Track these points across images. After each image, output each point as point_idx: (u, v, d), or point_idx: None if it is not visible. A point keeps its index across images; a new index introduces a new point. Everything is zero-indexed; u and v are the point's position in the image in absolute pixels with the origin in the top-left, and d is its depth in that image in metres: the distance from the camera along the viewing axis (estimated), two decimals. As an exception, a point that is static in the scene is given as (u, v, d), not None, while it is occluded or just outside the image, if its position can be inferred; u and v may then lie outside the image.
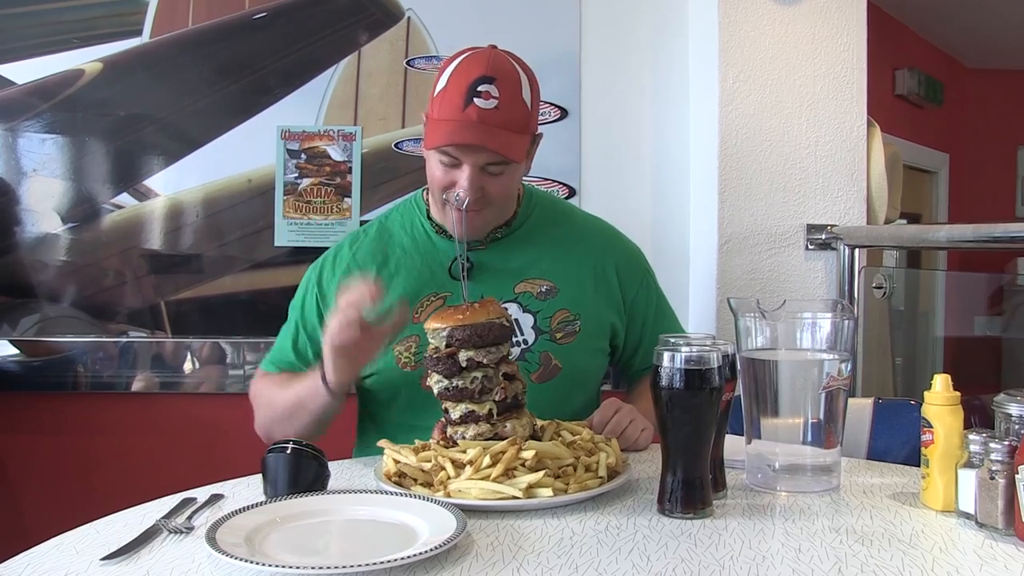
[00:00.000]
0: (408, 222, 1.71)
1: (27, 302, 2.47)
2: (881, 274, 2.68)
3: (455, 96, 1.47)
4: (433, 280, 1.64)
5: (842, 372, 1.28)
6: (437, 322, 1.32)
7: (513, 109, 1.49)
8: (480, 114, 1.45)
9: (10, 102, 2.45)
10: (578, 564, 1.00)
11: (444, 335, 1.31)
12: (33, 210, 2.47)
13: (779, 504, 1.23)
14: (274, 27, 2.49)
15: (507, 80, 1.49)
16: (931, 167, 5.27)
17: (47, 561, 1.03)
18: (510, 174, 1.55)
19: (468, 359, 1.30)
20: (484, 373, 1.31)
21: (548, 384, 1.59)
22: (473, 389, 1.30)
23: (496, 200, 1.57)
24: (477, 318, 1.30)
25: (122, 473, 2.42)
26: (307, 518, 1.14)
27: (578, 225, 1.75)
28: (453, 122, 1.47)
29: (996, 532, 1.08)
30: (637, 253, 1.78)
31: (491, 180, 1.53)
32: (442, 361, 1.31)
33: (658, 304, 1.76)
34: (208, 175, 2.49)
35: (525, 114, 1.52)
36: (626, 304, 1.70)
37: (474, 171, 1.50)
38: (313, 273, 1.72)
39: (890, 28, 4.56)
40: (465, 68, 1.49)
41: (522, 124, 1.52)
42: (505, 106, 1.47)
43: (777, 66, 2.43)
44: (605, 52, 2.55)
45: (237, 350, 2.48)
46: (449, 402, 1.32)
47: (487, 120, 1.46)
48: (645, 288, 1.74)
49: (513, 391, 1.33)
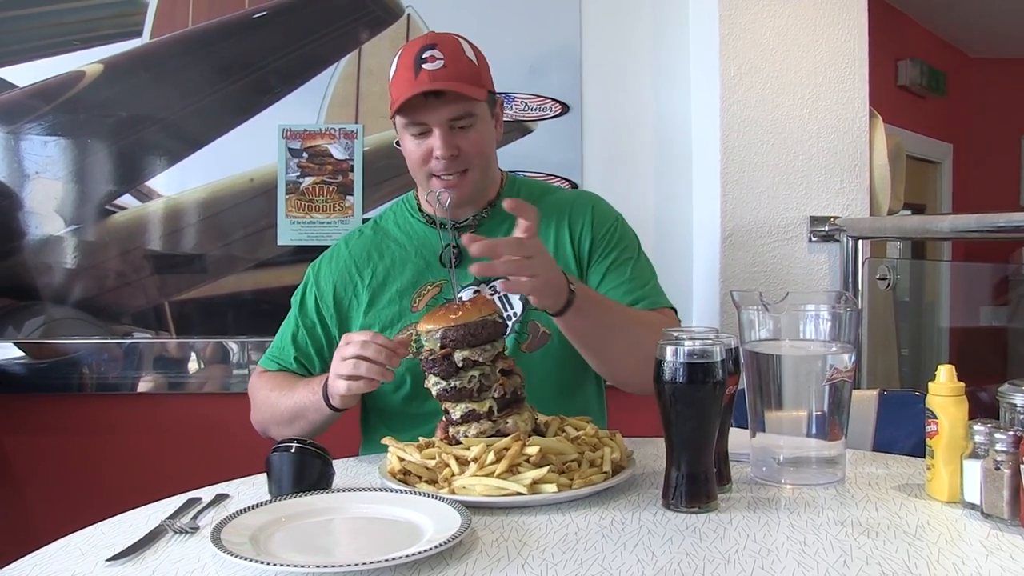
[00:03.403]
0: (401, 219, 1.76)
1: (31, 304, 2.47)
2: (885, 265, 2.67)
3: (405, 71, 1.57)
4: (428, 270, 1.68)
5: (846, 364, 1.28)
6: (430, 323, 1.32)
7: (460, 64, 1.57)
8: (431, 75, 1.54)
9: (12, 105, 2.45)
10: (583, 559, 1.00)
11: (438, 336, 1.31)
12: (36, 212, 2.47)
13: (784, 497, 1.23)
14: (274, 26, 2.49)
15: (447, 44, 1.58)
16: (935, 157, 5.26)
17: (54, 562, 1.03)
18: (479, 127, 1.60)
19: (464, 359, 1.30)
20: (481, 371, 1.31)
21: (539, 352, 1.61)
22: (471, 388, 1.30)
23: (473, 159, 1.61)
24: (469, 317, 1.30)
25: (127, 474, 2.42)
26: (312, 517, 1.14)
27: (557, 196, 1.77)
28: (408, 90, 1.55)
29: (1002, 522, 1.08)
30: (606, 214, 1.73)
31: (463, 136, 1.58)
32: (438, 363, 1.31)
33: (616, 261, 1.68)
34: (210, 175, 2.49)
35: (474, 68, 1.60)
36: (588, 263, 1.68)
37: (444, 129, 1.56)
38: (312, 271, 1.76)
39: (892, 18, 4.55)
40: (408, 48, 1.60)
41: (473, 77, 1.58)
42: (451, 63, 1.56)
43: (778, 58, 2.42)
44: (606, 46, 2.55)
45: (241, 349, 2.49)
46: (449, 403, 1.32)
47: (438, 77, 1.54)
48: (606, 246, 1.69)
49: (512, 386, 1.33)
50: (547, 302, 1.38)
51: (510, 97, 2.48)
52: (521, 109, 2.51)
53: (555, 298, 1.38)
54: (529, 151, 2.51)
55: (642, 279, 1.67)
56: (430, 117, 1.56)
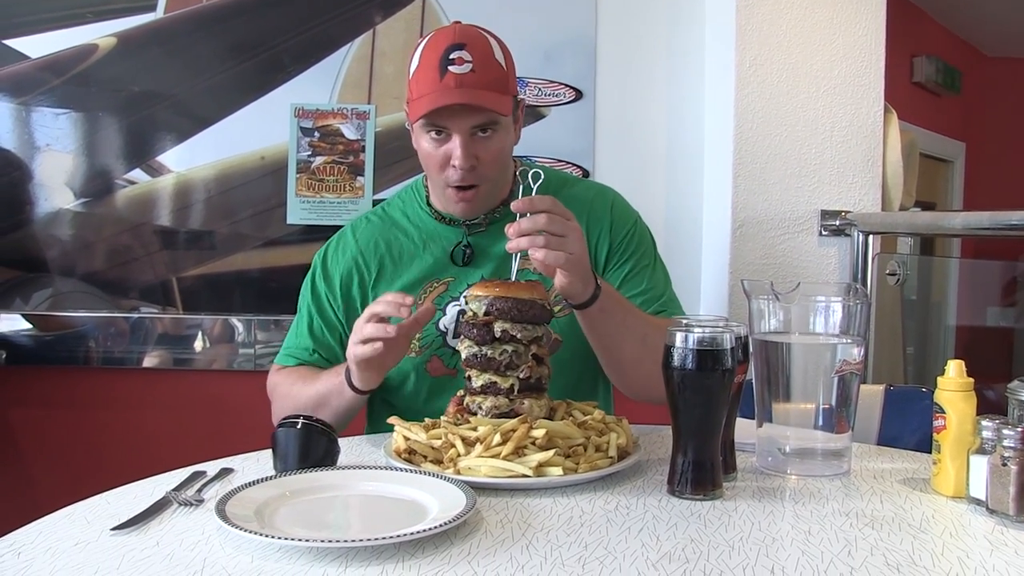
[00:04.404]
0: (409, 209, 1.71)
1: (39, 277, 2.48)
2: (895, 261, 2.66)
3: (430, 70, 1.49)
4: (435, 266, 1.64)
5: (855, 357, 1.27)
6: (480, 290, 1.33)
7: (489, 70, 1.50)
8: (458, 79, 1.47)
9: (24, 77, 2.45)
10: (587, 543, 1.00)
11: (485, 303, 1.31)
12: (46, 185, 2.47)
13: (789, 487, 1.23)
14: (289, 4, 2.48)
15: (477, 44, 1.51)
16: (947, 156, 5.24)
17: (58, 530, 1.04)
18: (500, 136, 1.55)
19: (503, 331, 1.30)
20: (515, 348, 1.30)
21: (551, 359, 1.59)
22: (501, 361, 1.30)
23: (490, 171, 1.56)
24: (520, 294, 1.31)
25: (132, 448, 2.43)
26: (317, 493, 1.14)
27: (575, 191, 1.71)
28: (433, 93, 1.48)
29: (1007, 518, 1.08)
30: (624, 218, 1.70)
31: (483, 145, 1.53)
32: (477, 327, 1.31)
33: (634, 270, 1.66)
34: (221, 152, 2.48)
35: (502, 73, 1.53)
36: (604, 270, 1.66)
37: (464, 137, 1.51)
38: (318, 259, 1.72)
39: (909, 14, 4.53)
40: (433, 43, 1.52)
41: (501, 83, 1.52)
42: (480, 68, 1.49)
43: (794, 50, 2.41)
44: (621, 34, 2.54)
45: (248, 327, 2.49)
46: (474, 370, 1.32)
47: (466, 83, 1.47)
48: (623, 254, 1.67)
49: (538, 374, 1.33)
50: (576, 287, 1.37)
51: (524, 82, 2.47)
52: (535, 94, 2.50)
53: (584, 284, 1.37)
54: (541, 136, 2.50)
55: (658, 289, 1.65)
56: (452, 124, 1.50)
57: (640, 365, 1.47)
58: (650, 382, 1.27)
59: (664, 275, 1.70)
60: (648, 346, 1.40)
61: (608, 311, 1.42)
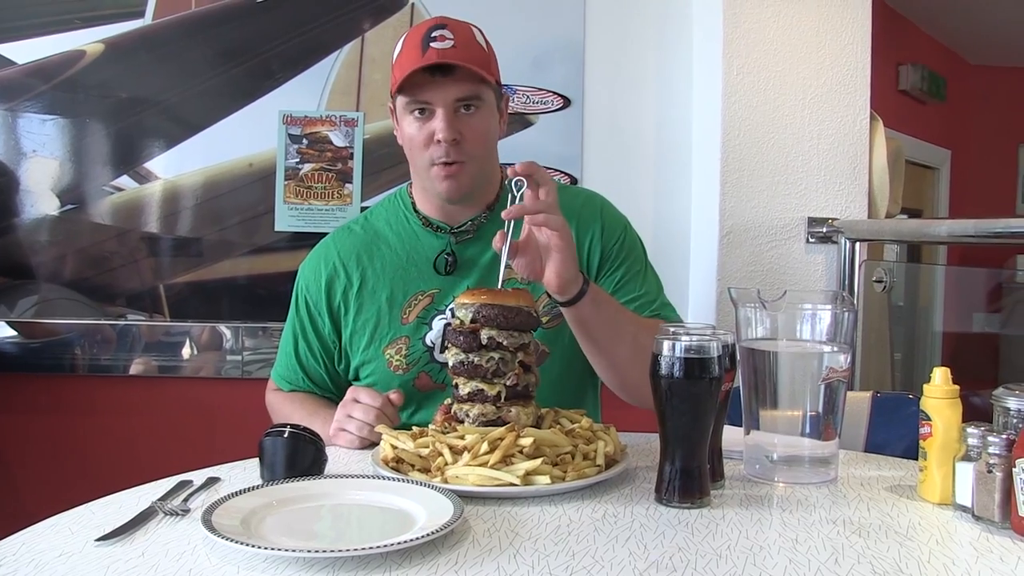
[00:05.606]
0: (393, 217, 1.69)
1: (25, 283, 2.46)
2: (881, 268, 2.67)
3: (412, 49, 1.50)
4: (420, 277, 1.62)
5: (842, 364, 1.28)
6: (468, 298, 1.33)
7: (470, 48, 1.51)
8: (440, 53, 1.47)
9: (10, 82, 2.44)
10: (575, 551, 1.00)
11: (471, 310, 1.32)
12: (32, 191, 2.46)
13: (777, 495, 1.23)
14: (277, 11, 2.48)
15: (458, 26, 1.52)
16: (933, 163, 5.27)
17: (43, 540, 1.03)
18: (484, 115, 1.54)
19: (489, 338, 1.30)
20: (501, 355, 1.30)
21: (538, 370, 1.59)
22: (488, 368, 1.30)
23: (475, 149, 1.54)
24: (507, 301, 1.31)
25: (118, 456, 2.42)
26: (304, 502, 1.14)
27: (562, 201, 1.67)
28: (415, 66, 1.48)
29: (992, 525, 1.08)
30: (615, 224, 1.69)
31: (467, 121, 1.52)
32: (464, 335, 1.31)
33: (626, 276, 1.66)
34: (209, 159, 2.48)
35: (484, 54, 1.54)
36: (596, 277, 1.64)
37: (448, 111, 1.50)
38: (301, 275, 1.71)
39: (895, 23, 4.56)
40: (415, 28, 1.53)
41: (483, 62, 1.52)
42: (462, 45, 1.49)
43: (781, 58, 2.42)
44: (609, 41, 2.55)
45: (236, 335, 2.48)
46: (461, 377, 1.32)
47: (448, 55, 1.47)
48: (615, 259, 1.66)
49: (525, 381, 1.33)
50: (571, 269, 1.35)
51: (512, 89, 2.47)
52: (523, 101, 2.51)
53: (574, 277, 1.36)
54: (529, 144, 2.50)
55: (652, 294, 1.64)
56: (435, 96, 1.49)
57: (633, 366, 1.46)
58: (645, 383, 1.27)
59: (656, 280, 1.70)
60: (640, 344, 1.39)
61: (600, 303, 1.41)
